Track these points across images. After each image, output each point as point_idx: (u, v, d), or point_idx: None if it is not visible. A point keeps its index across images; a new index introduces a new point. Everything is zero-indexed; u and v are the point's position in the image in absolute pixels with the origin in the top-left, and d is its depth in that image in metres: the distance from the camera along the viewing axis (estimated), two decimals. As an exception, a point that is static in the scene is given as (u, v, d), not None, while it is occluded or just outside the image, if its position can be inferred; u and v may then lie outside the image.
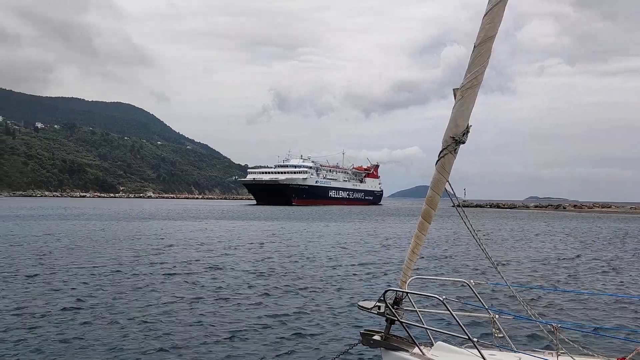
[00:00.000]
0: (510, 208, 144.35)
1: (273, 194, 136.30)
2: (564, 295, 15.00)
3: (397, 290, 5.89)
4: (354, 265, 21.69)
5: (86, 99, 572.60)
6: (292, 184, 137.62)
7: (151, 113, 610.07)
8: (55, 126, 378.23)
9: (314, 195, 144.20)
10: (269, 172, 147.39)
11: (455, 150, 5.51)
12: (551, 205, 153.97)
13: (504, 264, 22.86)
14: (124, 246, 26.84)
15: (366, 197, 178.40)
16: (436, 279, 15.37)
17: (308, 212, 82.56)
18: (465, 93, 5.34)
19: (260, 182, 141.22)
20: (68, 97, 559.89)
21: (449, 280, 10.20)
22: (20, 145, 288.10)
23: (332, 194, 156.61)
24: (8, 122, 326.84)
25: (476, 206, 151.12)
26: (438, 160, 5.59)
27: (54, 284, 15.33)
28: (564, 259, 25.56)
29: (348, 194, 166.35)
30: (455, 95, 5.45)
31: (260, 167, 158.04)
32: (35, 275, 16.68)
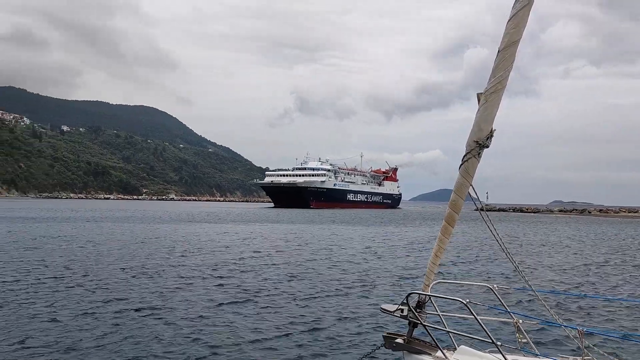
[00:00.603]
0: (534, 212, 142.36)
1: (291, 196, 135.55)
2: (591, 302, 14.69)
3: (420, 294, 5.89)
4: (376, 268, 21.67)
5: (111, 102, 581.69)
6: (310, 187, 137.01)
7: (174, 116, 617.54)
8: (81, 129, 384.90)
9: (332, 198, 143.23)
10: (286, 175, 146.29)
11: (479, 154, 5.51)
12: (576, 210, 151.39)
13: (528, 269, 22.59)
14: (150, 249, 27.21)
15: (384, 201, 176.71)
16: (459, 283, 15.27)
17: (327, 215, 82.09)
18: (490, 97, 5.34)
19: (278, 185, 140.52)
20: (93, 101, 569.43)
21: (472, 284, 10.11)
22: (46, 148, 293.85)
23: (350, 197, 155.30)
24: (35, 125, 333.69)
25: (499, 210, 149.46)
26: (462, 164, 5.59)
27: (86, 286, 15.52)
28: (591, 264, 25.14)
29: (366, 197, 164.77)
30: (479, 100, 5.45)
31: (279, 169, 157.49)
32: (67, 277, 16.85)
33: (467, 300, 5.33)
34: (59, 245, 28.00)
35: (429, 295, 5.88)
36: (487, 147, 5.49)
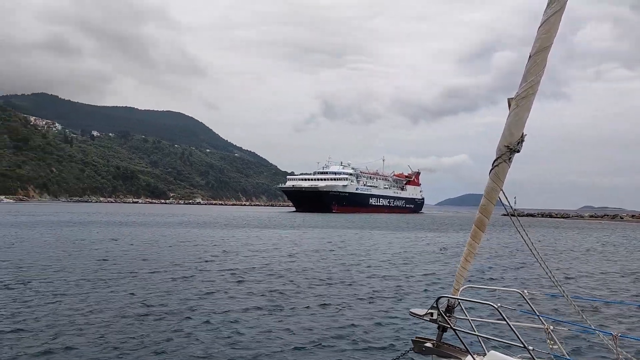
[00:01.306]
0: (564, 218, 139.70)
1: (313, 201, 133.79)
2: (625, 308, 14.36)
3: (450, 298, 5.86)
4: (405, 273, 21.63)
5: (139, 108, 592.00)
6: (332, 191, 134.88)
7: (200, 121, 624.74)
8: (110, 134, 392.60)
9: (354, 203, 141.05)
10: (308, 179, 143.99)
11: (509, 159, 5.49)
12: (607, 215, 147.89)
13: (560, 275, 22.24)
14: (180, 253, 27.60)
15: (407, 205, 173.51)
16: (488, 288, 15.13)
17: (351, 220, 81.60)
18: (521, 102, 5.33)
19: (299, 189, 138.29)
20: (122, 106, 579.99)
21: (502, 289, 9.97)
22: (77, 153, 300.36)
23: (372, 201, 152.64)
24: (66, 130, 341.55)
25: (527, 215, 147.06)
26: (492, 169, 5.58)
27: (120, 288, 15.78)
28: (625, 270, 24.60)
29: (389, 202, 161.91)
30: (509, 105, 5.44)
31: (301, 174, 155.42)
32: (102, 280, 17.13)
33: (499, 304, 5.31)
34: (93, 248, 28.60)
35: (460, 299, 5.86)
36: (518, 151, 5.47)
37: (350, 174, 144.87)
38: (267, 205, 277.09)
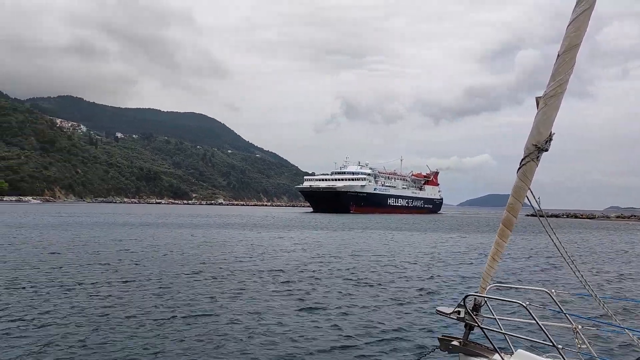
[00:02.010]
0: (589, 218, 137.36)
1: (330, 201, 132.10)
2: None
3: (478, 296, 5.86)
4: (431, 272, 21.61)
5: (162, 110, 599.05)
6: (350, 191, 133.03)
7: (222, 122, 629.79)
8: (134, 136, 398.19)
9: (372, 203, 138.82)
10: (325, 179, 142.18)
11: (537, 157, 5.49)
12: (635, 216, 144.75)
13: (588, 274, 21.88)
14: (207, 253, 27.89)
15: (425, 205, 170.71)
16: (515, 287, 15.04)
17: (372, 221, 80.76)
18: (549, 101, 5.33)
19: (317, 190, 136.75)
20: (145, 108, 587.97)
21: (529, 289, 9.89)
22: (101, 154, 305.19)
23: (390, 201, 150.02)
24: (91, 132, 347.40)
25: (552, 216, 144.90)
26: (520, 168, 5.59)
27: (150, 289, 15.88)
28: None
29: (407, 202, 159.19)
30: (538, 104, 5.44)
31: (319, 174, 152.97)
32: (132, 281, 17.24)
33: (527, 302, 5.30)
34: (120, 249, 29.07)
35: (487, 297, 5.86)
36: (546, 150, 5.46)
37: (368, 174, 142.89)
38: (288, 206, 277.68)
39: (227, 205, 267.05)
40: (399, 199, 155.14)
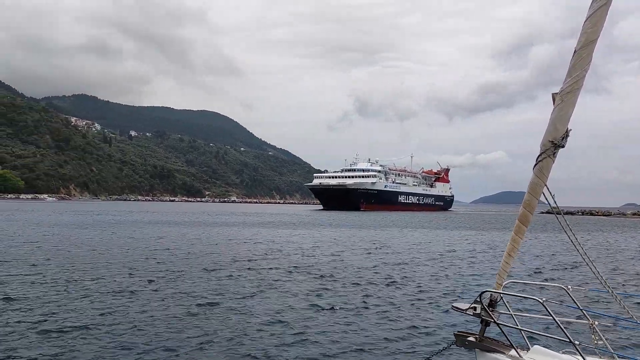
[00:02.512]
0: (605, 215, 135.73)
1: (340, 198, 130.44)
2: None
3: (494, 292, 5.86)
4: (445, 269, 21.61)
5: (175, 108, 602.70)
6: (360, 189, 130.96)
7: (235, 120, 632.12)
8: (147, 134, 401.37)
9: (382, 200, 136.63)
10: (335, 177, 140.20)
11: (554, 154, 5.48)
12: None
13: (604, 271, 21.71)
14: (220, 252, 28.06)
15: (436, 203, 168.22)
16: (531, 284, 14.98)
17: (383, 219, 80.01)
18: (565, 97, 5.32)
19: (327, 187, 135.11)
20: (159, 107, 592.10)
21: (545, 285, 9.86)
22: (115, 152, 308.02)
23: (401, 199, 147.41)
24: (105, 130, 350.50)
25: (567, 213, 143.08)
26: (536, 164, 5.59)
27: (173, 289, 15.80)
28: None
29: (418, 199, 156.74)
30: (554, 100, 5.43)
31: (332, 171, 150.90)
32: (153, 280, 17.19)
33: (544, 299, 5.31)
34: (140, 247, 29.36)
35: (503, 294, 5.87)
36: (563, 147, 5.45)
37: (379, 171, 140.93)
38: (301, 203, 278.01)
39: (240, 202, 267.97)
40: (410, 196, 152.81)
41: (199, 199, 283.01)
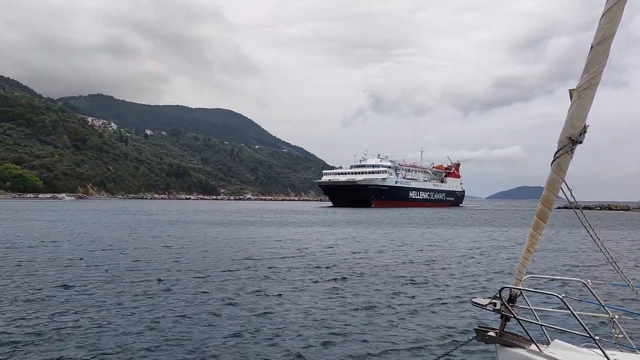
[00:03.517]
0: (624, 210, 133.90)
1: (350, 195, 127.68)
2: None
3: (514, 288, 5.90)
4: (465, 266, 21.67)
5: (190, 106, 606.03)
6: (370, 185, 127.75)
7: (249, 118, 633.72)
8: (163, 133, 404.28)
9: (393, 197, 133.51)
10: (345, 173, 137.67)
11: (572, 150, 5.49)
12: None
13: (625, 266, 21.53)
14: (238, 251, 28.25)
15: (447, 198, 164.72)
16: (551, 278, 14.93)
17: (397, 216, 78.33)
18: (582, 93, 5.32)
19: (336, 184, 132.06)
20: (174, 105, 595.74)
21: (565, 279, 9.84)
22: (132, 151, 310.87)
23: (412, 194, 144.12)
24: (121, 130, 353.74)
25: (585, 208, 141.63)
26: (554, 160, 5.60)
27: (197, 288, 15.74)
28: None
29: (429, 195, 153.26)
30: (571, 96, 5.44)
31: (339, 167, 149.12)
32: (180, 279, 17.20)
33: (563, 294, 5.34)
34: (166, 246, 29.71)
35: (523, 289, 5.90)
36: (580, 143, 5.45)
37: (389, 167, 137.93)
38: (315, 200, 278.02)
39: (256, 200, 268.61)
40: (421, 192, 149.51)
41: (214, 197, 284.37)
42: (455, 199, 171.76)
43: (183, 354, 9.29)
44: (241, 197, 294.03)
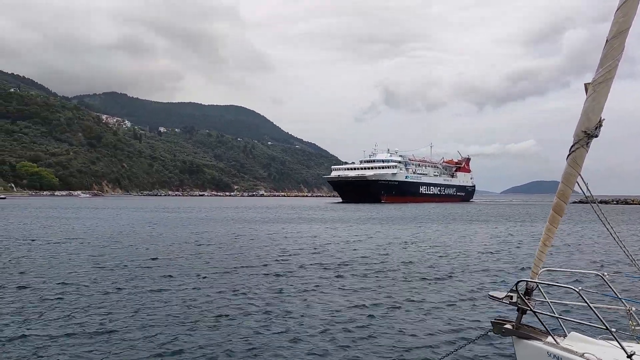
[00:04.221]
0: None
1: (360, 191, 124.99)
2: None
3: (530, 281, 5.94)
4: (481, 260, 21.71)
5: (203, 103, 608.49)
6: (380, 180, 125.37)
7: (261, 114, 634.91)
8: (176, 130, 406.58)
9: (403, 192, 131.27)
10: (354, 168, 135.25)
11: (587, 144, 5.51)
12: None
13: None
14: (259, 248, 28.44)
15: (458, 193, 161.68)
16: (567, 271, 14.88)
17: (409, 211, 76.96)
18: (598, 87, 5.34)
19: (345, 179, 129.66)
20: (187, 102, 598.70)
21: (581, 272, 9.81)
22: (146, 149, 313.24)
23: (422, 190, 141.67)
24: (135, 127, 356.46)
25: (601, 202, 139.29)
26: (569, 154, 5.63)
27: (220, 287, 15.64)
28: None
29: (439, 190, 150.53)
30: (586, 90, 5.46)
31: (347, 163, 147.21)
32: (204, 277, 17.02)
33: (580, 287, 5.38)
34: (186, 244, 30.02)
35: (539, 282, 5.95)
36: (596, 137, 5.48)
37: (399, 162, 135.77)
38: (329, 196, 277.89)
39: (269, 196, 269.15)
40: (431, 187, 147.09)
41: (227, 194, 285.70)
42: (465, 194, 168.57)
43: (209, 352, 9.35)
44: (254, 193, 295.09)
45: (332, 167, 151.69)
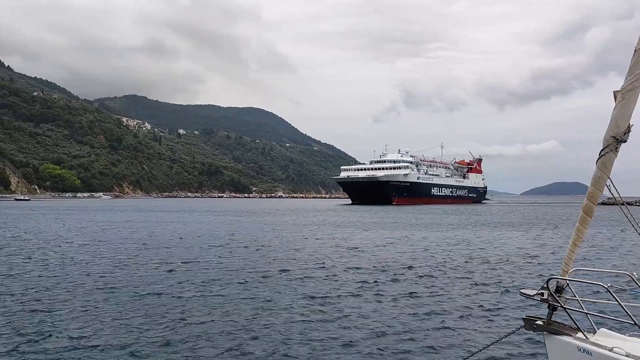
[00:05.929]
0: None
1: (371, 192, 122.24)
2: None
3: (561, 278, 6.18)
4: (511, 261, 22.00)
5: (221, 105, 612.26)
6: (392, 181, 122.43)
7: (279, 116, 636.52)
8: (195, 132, 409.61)
9: (415, 193, 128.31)
10: (365, 169, 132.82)
11: (616, 148, 5.76)
12: None
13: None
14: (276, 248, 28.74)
15: (469, 195, 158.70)
16: (596, 271, 14.99)
17: (425, 214, 73.66)
18: (626, 95, 5.57)
19: (356, 180, 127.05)
20: (205, 104, 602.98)
21: (610, 272, 9.91)
22: (165, 151, 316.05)
23: (434, 191, 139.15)
24: (155, 129, 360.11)
25: (628, 204, 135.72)
26: (599, 158, 5.88)
27: (239, 285, 15.85)
28: None
29: (451, 191, 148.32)
30: (615, 97, 5.71)
31: (358, 164, 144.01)
32: (224, 277, 17.34)
33: (609, 284, 5.61)
34: (214, 245, 30.53)
35: (570, 280, 6.19)
36: (625, 141, 5.72)
37: (410, 162, 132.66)
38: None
39: (287, 198, 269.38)
40: (443, 188, 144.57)
41: (246, 195, 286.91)
42: (477, 195, 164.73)
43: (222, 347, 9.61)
44: (273, 195, 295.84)
45: (342, 167, 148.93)
